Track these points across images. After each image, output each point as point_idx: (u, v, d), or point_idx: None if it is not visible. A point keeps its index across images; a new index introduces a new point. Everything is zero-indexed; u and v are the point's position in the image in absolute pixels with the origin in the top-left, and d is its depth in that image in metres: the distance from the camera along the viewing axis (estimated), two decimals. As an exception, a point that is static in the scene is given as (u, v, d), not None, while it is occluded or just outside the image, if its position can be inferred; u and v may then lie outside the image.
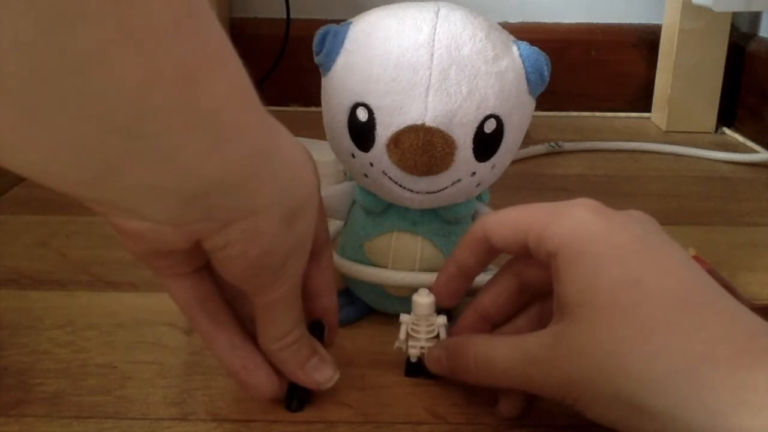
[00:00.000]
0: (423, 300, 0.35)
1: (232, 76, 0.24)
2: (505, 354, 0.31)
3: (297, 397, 0.33)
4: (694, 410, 0.25)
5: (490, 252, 0.34)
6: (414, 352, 0.35)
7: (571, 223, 0.30)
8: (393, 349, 0.36)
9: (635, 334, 0.27)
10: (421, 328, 0.35)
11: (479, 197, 0.40)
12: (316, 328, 0.35)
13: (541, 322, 0.33)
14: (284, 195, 0.27)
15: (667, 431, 0.26)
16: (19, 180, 0.64)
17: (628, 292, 0.28)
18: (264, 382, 0.32)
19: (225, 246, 0.26)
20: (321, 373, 0.33)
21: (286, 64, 0.89)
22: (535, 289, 0.34)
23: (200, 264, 0.31)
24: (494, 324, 0.35)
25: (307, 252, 0.30)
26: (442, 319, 0.35)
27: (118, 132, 0.20)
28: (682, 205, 0.62)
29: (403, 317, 0.35)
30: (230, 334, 0.32)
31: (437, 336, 0.35)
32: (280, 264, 0.29)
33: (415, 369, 0.36)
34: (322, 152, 0.63)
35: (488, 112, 0.34)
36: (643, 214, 0.32)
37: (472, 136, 0.35)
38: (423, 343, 0.35)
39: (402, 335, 0.35)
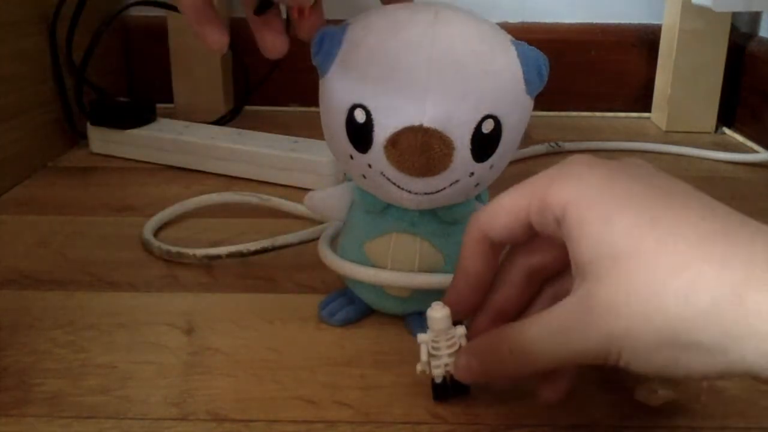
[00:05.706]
0: (438, 314, 0.32)
1: None
2: (536, 333, 0.29)
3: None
4: (743, 337, 0.23)
5: (493, 249, 0.33)
6: (439, 372, 0.33)
7: (572, 182, 0.29)
8: (416, 373, 0.33)
9: (666, 273, 0.25)
10: (441, 344, 0.32)
11: (478, 197, 0.40)
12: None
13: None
14: None
15: (718, 363, 0.24)
16: (19, 180, 0.64)
17: (646, 233, 0.26)
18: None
19: None
20: None
21: (286, 65, 0.88)
22: (542, 274, 0.33)
23: None
24: (510, 320, 0.33)
25: None
26: (461, 330, 0.33)
27: None
28: (682, 205, 0.62)
29: (421, 337, 0.33)
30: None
31: (459, 348, 0.33)
32: None
33: (443, 390, 0.34)
34: (321, 152, 0.63)
35: (486, 113, 0.34)
36: (638, 159, 0.31)
37: (470, 136, 0.35)
38: (446, 360, 0.32)
39: (423, 356, 0.33)
